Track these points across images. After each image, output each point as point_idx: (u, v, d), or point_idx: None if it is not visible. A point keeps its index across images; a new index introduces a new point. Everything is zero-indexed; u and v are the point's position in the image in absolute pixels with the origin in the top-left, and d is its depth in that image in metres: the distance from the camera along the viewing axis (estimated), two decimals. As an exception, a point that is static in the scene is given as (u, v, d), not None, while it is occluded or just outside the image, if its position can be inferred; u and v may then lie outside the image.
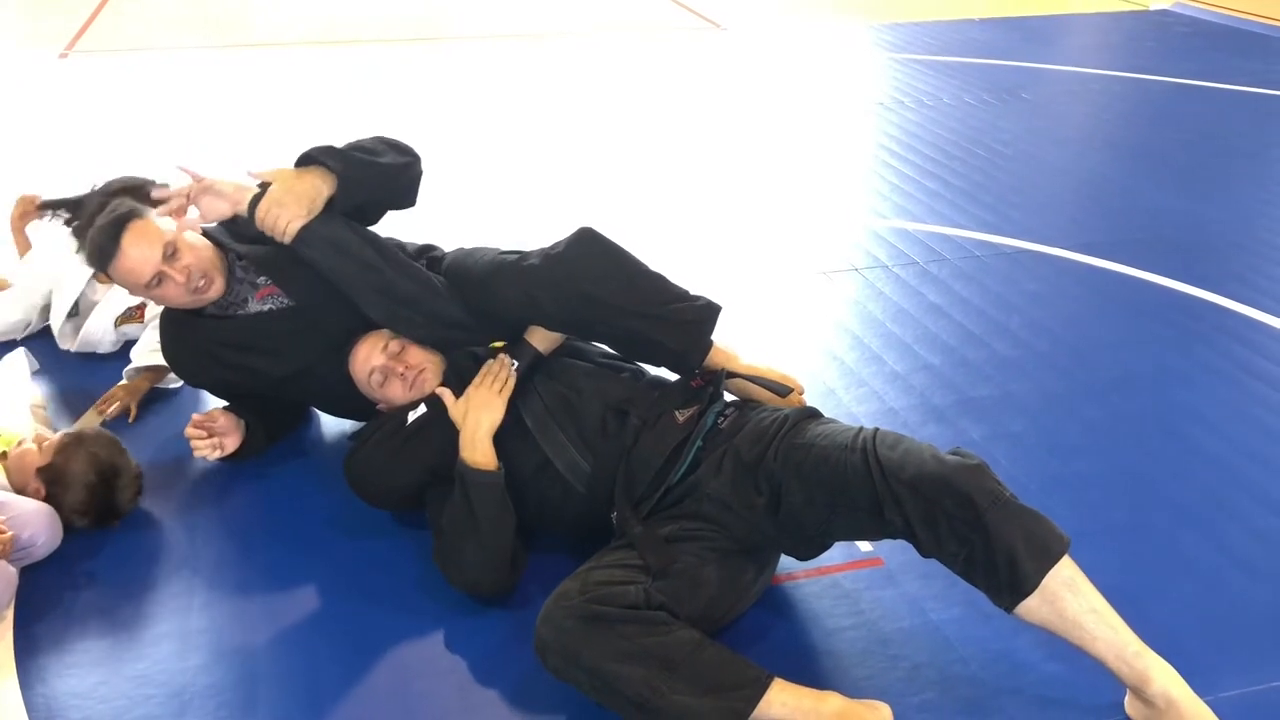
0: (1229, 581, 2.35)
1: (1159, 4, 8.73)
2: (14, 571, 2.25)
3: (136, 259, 2.42)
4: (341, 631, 2.22)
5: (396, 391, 2.44)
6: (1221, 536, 2.48)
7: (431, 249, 2.67)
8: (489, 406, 2.28)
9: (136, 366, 3.00)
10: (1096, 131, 5.75)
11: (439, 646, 2.18)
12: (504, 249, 2.46)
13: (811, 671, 2.10)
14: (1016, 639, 2.14)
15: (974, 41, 7.56)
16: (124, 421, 2.89)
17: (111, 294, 3.14)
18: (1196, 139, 5.41)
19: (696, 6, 8.77)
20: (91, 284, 3.18)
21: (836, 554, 2.35)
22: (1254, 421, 2.95)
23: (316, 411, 2.96)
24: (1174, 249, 4.06)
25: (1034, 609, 1.87)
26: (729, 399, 2.39)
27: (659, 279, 2.39)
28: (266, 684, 2.09)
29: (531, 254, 2.37)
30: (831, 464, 2.01)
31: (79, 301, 3.19)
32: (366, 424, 2.51)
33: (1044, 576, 1.85)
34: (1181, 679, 1.87)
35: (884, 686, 2.06)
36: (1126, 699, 1.95)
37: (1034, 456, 2.79)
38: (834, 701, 1.90)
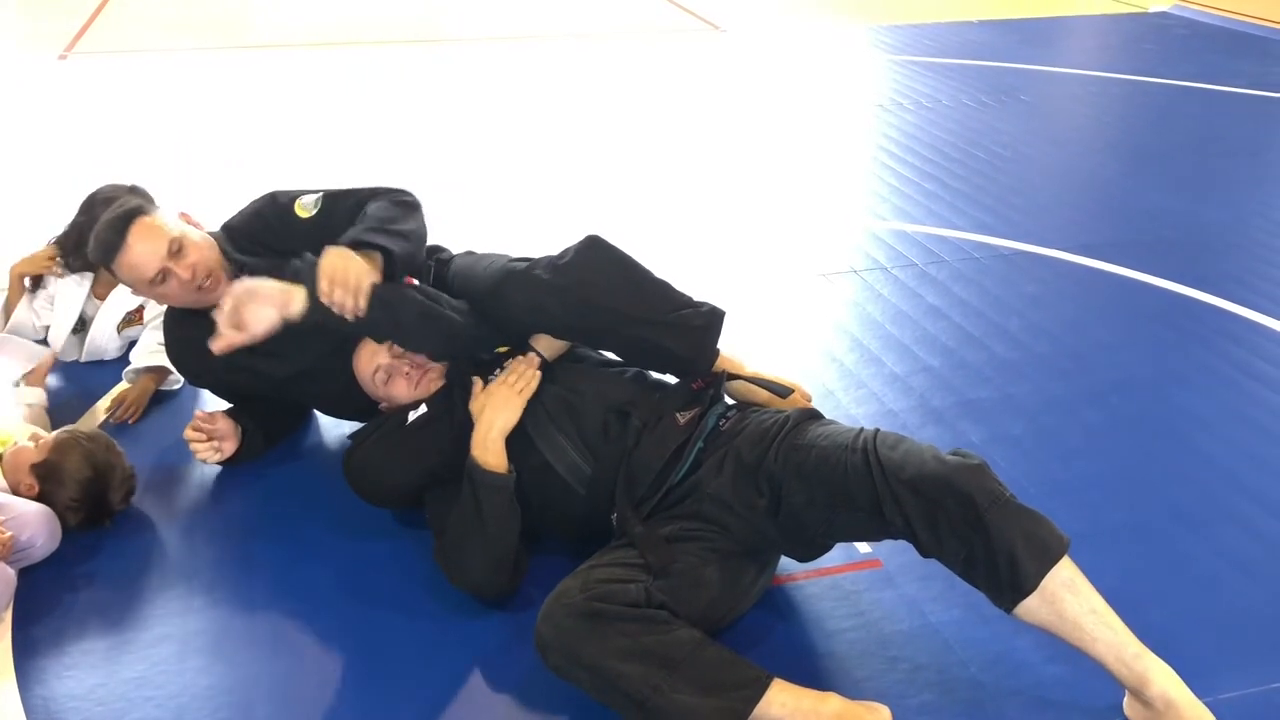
0: (1228, 583, 2.35)
1: (1157, 6, 8.74)
2: (13, 573, 2.25)
3: (142, 254, 2.42)
4: (341, 633, 2.22)
5: (401, 389, 2.44)
6: (1220, 538, 2.48)
7: (439, 250, 2.67)
8: (506, 407, 2.27)
9: (136, 368, 3.00)
10: (1095, 133, 5.76)
11: (440, 647, 2.18)
12: (512, 257, 2.46)
13: (811, 672, 2.10)
14: (1016, 640, 2.14)
15: (972, 43, 7.56)
16: (124, 422, 2.89)
17: (110, 302, 3.13)
18: (1195, 141, 5.41)
19: (695, 8, 8.78)
20: (90, 299, 3.17)
21: (836, 555, 2.35)
22: (1253, 423, 2.95)
23: (316, 414, 2.96)
24: (1173, 251, 4.07)
25: (1034, 609, 1.87)
26: (730, 402, 2.40)
27: (665, 287, 2.40)
28: (265, 686, 2.09)
29: (540, 262, 2.36)
30: (832, 464, 2.01)
31: (82, 316, 3.18)
32: (366, 423, 2.51)
33: (1044, 576, 1.85)
34: (1181, 681, 1.87)
35: (883, 688, 2.06)
36: (1125, 700, 1.95)
37: (1033, 459, 2.79)
38: (833, 703, 1.90)
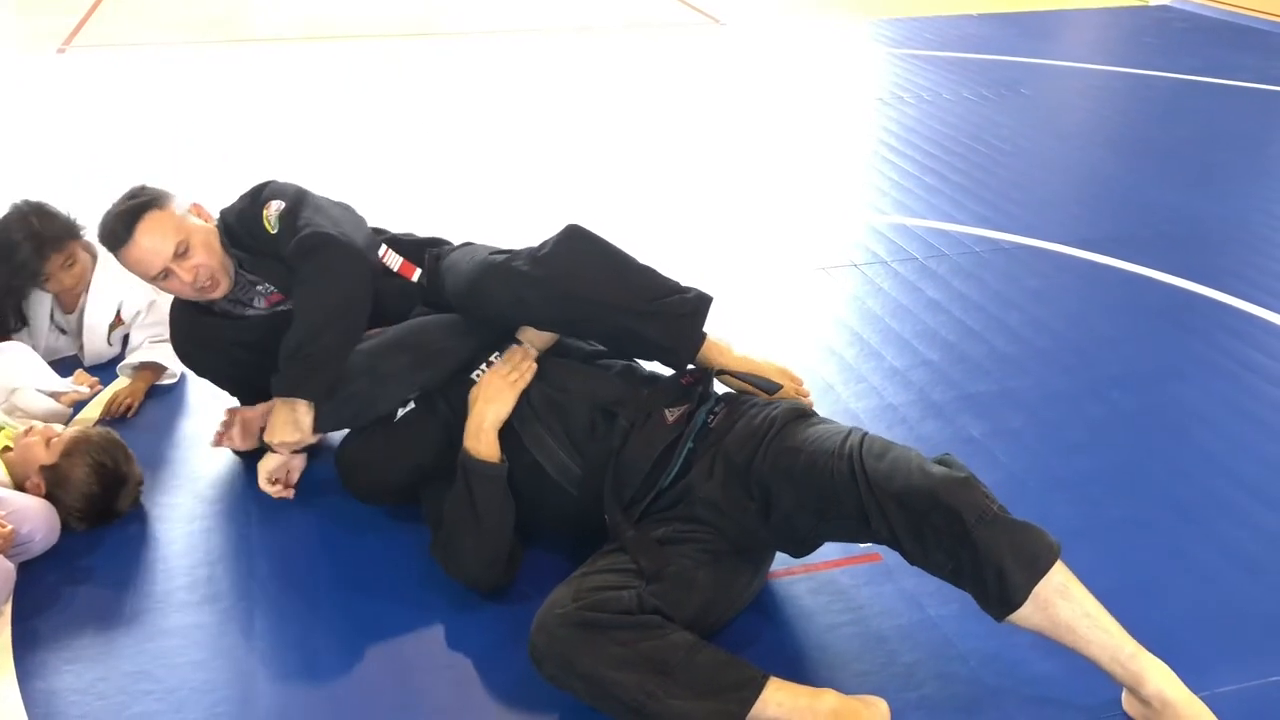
0: (1227, 578, 2.34)
1: (1159, -1, 8.74)
2: (12, 567, 2.25)
3: (147, 250, 2.42)
4: (339, 627, 2.22)
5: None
6: (1220, 533, 2.48)
7: (439, 243, 2.66)
8: (499, 399, 2.26)
9: (131, 364, 2.99)
10: (1096, 127, 5.75)
11: (437, 642, 2.18)
12: (493, 249, 2.44)
13: (808, 668, 2.10)
14: (1014, 635, 2.13)
15: (973, 37, 7.55)
16: (123, 417, 2.89)
17: (89, 313, 3.10)
18: (1196, 135, 5.40)
19: (695, 2, 8.76)
20: (57, 309, 3.13)
21: (833, 550, 2.35)
22: (1253, 418, 2.95)
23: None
24: (1173, 245, 4.06)
25: (1026, 616, 1.87)
26: (721, 389, 2.37)
27: (648, 273, 2.35)
28: (264, 680, 2.09)
29: (519, 254, 2.34)
30: (819, 471, 1.98)
31: (60, 327, 3.16)
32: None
33: (1032, 589, 1.84)
34: (1177, 678, 1.87)
35: (881, 683, 2.05)
36: (1123, 696, 1.95)
37: (1033, 453, 2.79)
38: (830, 699, 1.90)
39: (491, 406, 2.25)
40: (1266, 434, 2.87)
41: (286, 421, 2.34)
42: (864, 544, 2.41)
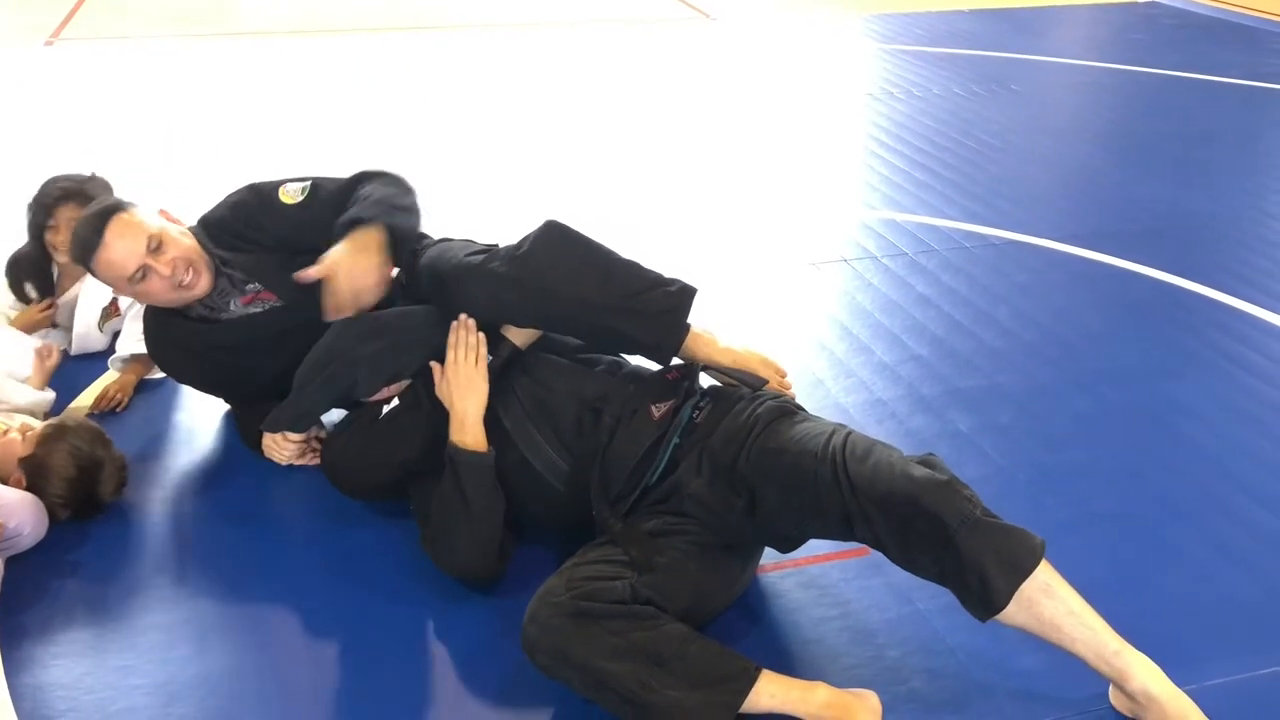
0: (1215, 572, 2.35)
1: (1148, -5, 8.76)
2: (-1, 561, 2.25)
3: (121, 251, 2.38)
4: (330, 621, 2.22)
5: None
6: (1208, 527, 2.49)
7: (421, 237, 2.65)
8: (472, 387, 2.25)
9: (122, 357, 2.99)
10: (1085, 123, 5.76)
11: (429, 635, 2.18)
12: (471, 248, 2.42)
13: (797, 662, 2.10)
14: (1002, 630, 2.12)
15: (963, 33, 7.56)
16: (112, 411, 2.88)
17: (83, 297, 3.10)
18: (1185, 131, 5.42)
19: (686, -4, 8.76)
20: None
21: (822, 544, 2.35)
22: (1241, 413, 2.96)
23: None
24: (1162, 240, 4.07)
25: (1011, 614, 1.87)
26: (707, 382, 2.36)
27: (630, 268, 2.33)
28: (253, 674, 2.08)
29: (497, 254, 2.32)
30: (802, 474, 1.98)
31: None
32: (345, 417, 2.50)
33: (1015, 591, 1.84)
34: (1162, 673, 1.88)
35: (871, 676, 2.06)
36: (1110, 690, 1.96)
37: (1022, 447, 2.79)
38: (822, 692, 1.91)
39: (471, 399, 2.24)
40: (1255, 429, 2.88)
41: (361, 248, 2.33)
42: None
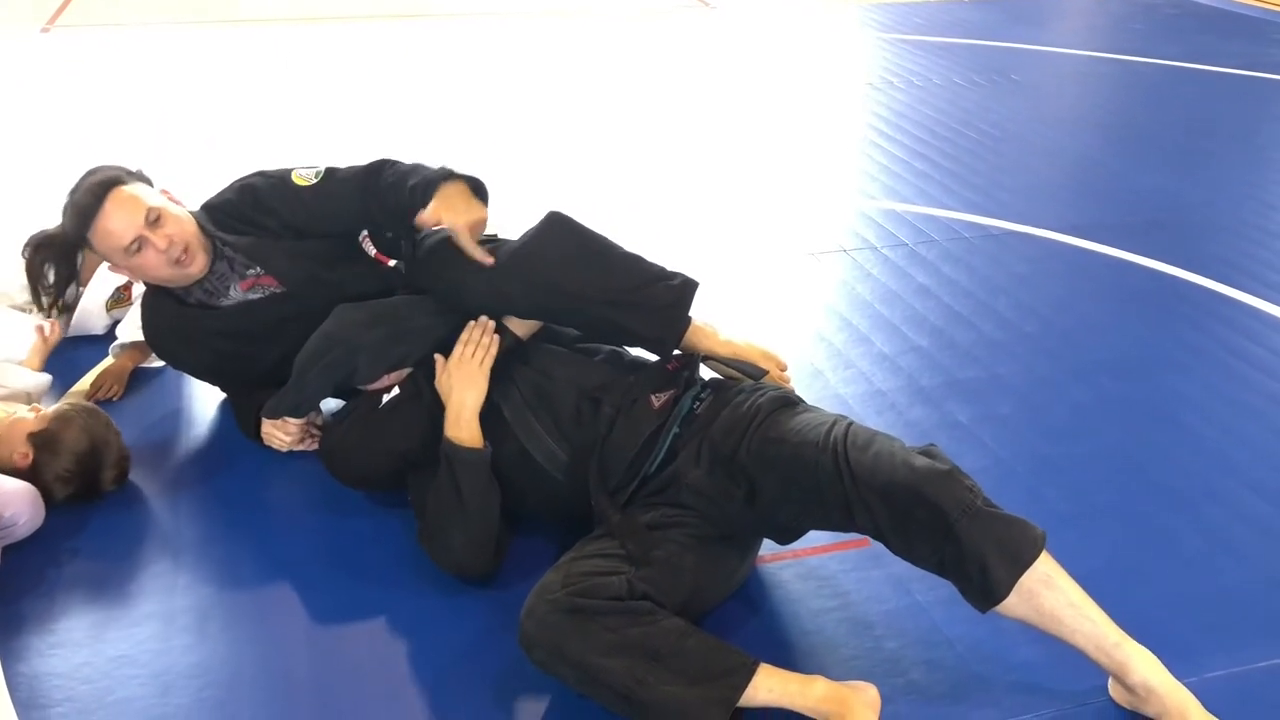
0: (1214, 563, 2.35)
1: (1148, -15, 8.73)
2: (-5, 550, 2.24)
3: (120, 221, 2.38)
4: (327, 611, 2.22)
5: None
6: (1207, 519, 2.49)
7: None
8: (472, 383, 2.25)
9: (122, 343, 2.97)
10: (1085, 113, 5.75)
11: (426, 628, 2.17)
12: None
13: (795, 654, 2.10)
14: (1001, 621, 2.12)
15: (963, 22, 7.54)
16: (109, 400, 2.87)
17: (97, 277, 3.09)
18: (1185, 121, 5.41)
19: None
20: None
21: (821, 535, 2.34)
22: (1240, 405, 2.95)
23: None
24: (1162, 231, 4.07)
25: (1011, 606, 1.86)
26: (707, 374, 2.36)
27: (632, 261, 2.33)
28: (250, 664, 2.08)
29: (501, 246, 2.32)
30: (803, 463, 1.97)
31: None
32: (344, 406, 2.49)
33: (1016, 582, 1.84)
34: (1162, 666, 1.87)
35: (869, 668, 2.06)
36: (1109, 683, 1.96)
37: (1021, 439, 2.79)
38: (820, 685, 1.90)
39: (469, 392, 2.24)
40: (1255, 420, 2.88)
41: (459, 194, 2.32)
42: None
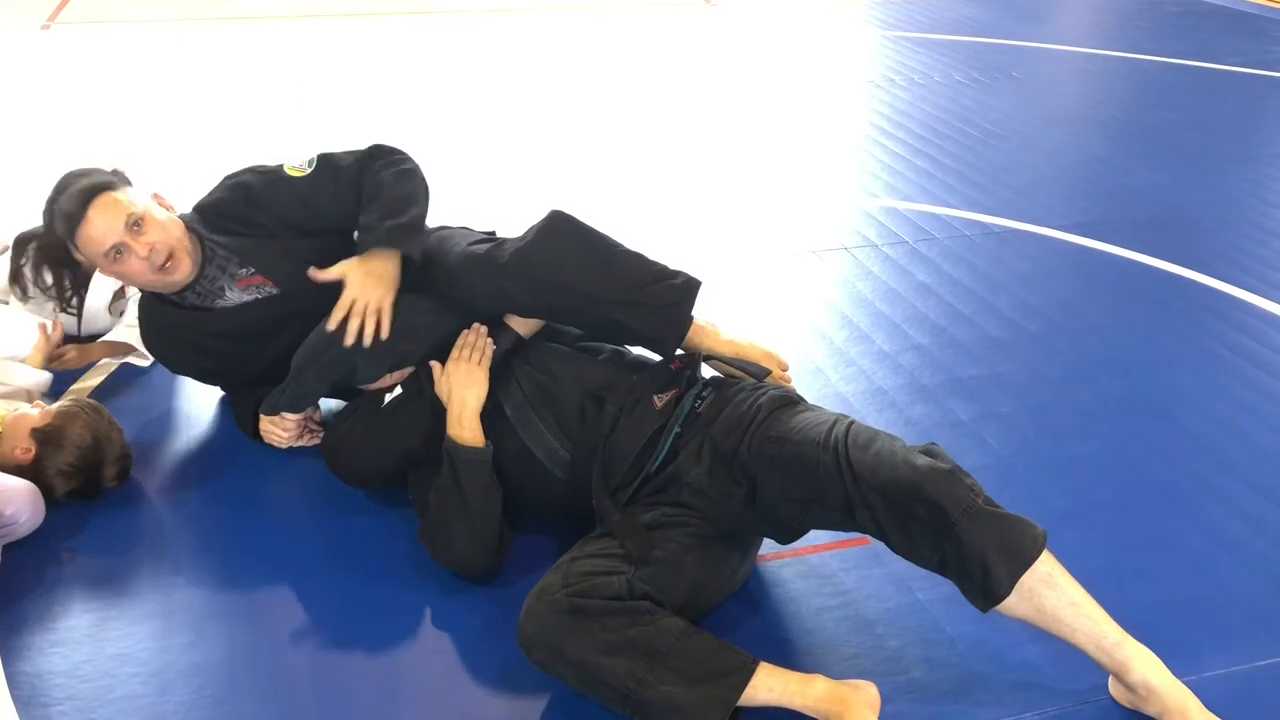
0: (1215, 562, 2.35)
1: (1150, -17, 8.72)
2: (-4, 548, 2.24)
3: (100, 227, 2.35)
4: (327, 608, 2.22)
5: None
6: (1208, 518, 2.49)
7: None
8: (472, 382, 2.25)
9: (110, 339, 2.96)
10: (1087, 111, 5.74)
11: (426, 626, 2.17)
12: (472, 237, 2.41)
13: (796, 652, 2.10)
14: (1002, 620, 2.11)
15: (965, 19, 7.53)
16: (108, 401, 2.87)
17: (97, 278, 3.08)
18: (1187, 119, 5.40)
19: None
20: None
21: (822, 534, 2.34)
22: (1241, 403, 2.95)
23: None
24: (1164, 230, 4.06)
25: (1012, 605, 1.86)
26: (709, 373, 2.36)
27: (634, 259, 2.33)
28: (249, 662, 2.08)
29: (502, 244, 2.32)
30: (804, 462, 1.97)
31: None
32: (346, 404, 2.49)
33: (1016, 581, 1.83)
34: (1162, 665, 1.87)
35: (869, 667, 2.06)
36: (1110, 681, 1.95)
37: (1022, 437, 2.79)
38: (820, 684, 1.90)
39: (470, 392, 2.24)
40: (1256, 419, 2.87)
41: (379, 274, 2.33)
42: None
